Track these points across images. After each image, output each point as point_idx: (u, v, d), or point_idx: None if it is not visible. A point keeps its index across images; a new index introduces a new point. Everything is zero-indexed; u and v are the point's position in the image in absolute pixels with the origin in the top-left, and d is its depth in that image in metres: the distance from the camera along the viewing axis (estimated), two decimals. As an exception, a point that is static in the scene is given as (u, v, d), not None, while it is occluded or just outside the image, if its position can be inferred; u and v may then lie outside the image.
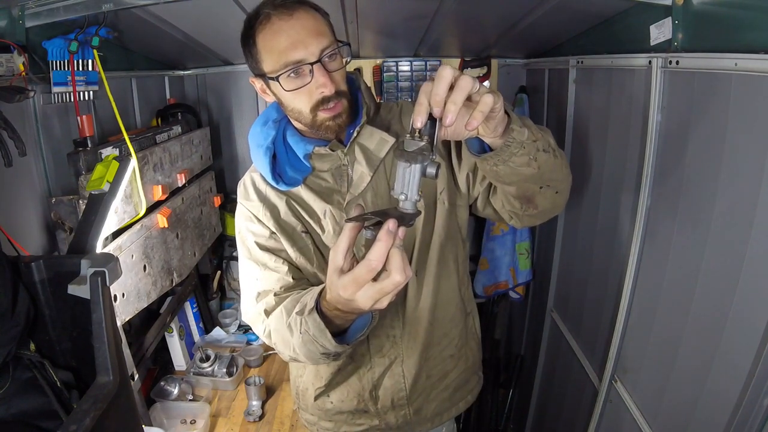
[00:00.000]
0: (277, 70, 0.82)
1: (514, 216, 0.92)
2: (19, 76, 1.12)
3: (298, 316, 0.78)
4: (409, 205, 0.64)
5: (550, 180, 0.82)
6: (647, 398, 1.18)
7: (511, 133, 0.69)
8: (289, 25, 0.80)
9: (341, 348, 0.75)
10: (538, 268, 2.10)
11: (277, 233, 0.94)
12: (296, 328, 0.78)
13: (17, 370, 0.83)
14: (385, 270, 0.60)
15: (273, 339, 0.89)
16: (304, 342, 0.78)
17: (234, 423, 1.60)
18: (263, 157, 0.93)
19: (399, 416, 1.08)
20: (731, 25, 0.93)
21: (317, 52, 0.81)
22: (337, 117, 0.86)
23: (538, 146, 0.74)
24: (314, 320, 0.73)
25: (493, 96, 0.61)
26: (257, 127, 0.97)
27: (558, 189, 0.86)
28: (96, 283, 0.81)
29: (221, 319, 2.12)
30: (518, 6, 1.44)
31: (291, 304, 0.85)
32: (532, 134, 0.72)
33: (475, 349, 1.17)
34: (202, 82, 2.20)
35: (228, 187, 2.28)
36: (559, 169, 0.82)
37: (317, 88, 0.82)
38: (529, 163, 0.74)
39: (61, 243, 1.26)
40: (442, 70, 0.60)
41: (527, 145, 0.71)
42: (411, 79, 2.12)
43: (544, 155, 0.75)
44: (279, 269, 0.93)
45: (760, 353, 0.82)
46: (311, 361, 0.83)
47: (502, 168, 0.74)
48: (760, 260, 0.83)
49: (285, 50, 0.80)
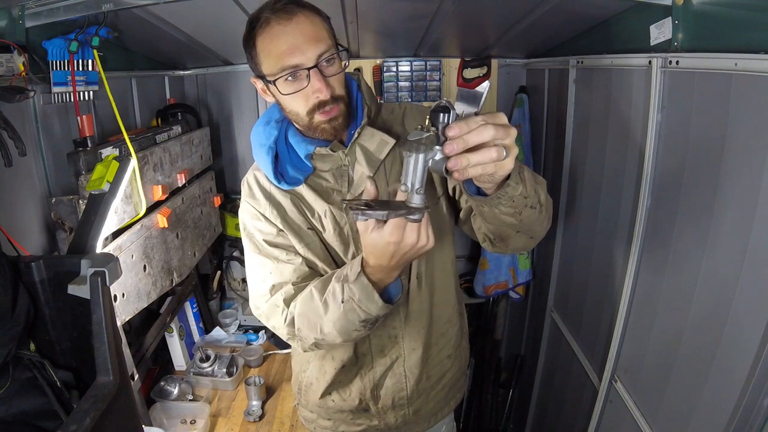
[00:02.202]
0: (275, 73, 0.83)
1: (487, 241, 0.94)
2: (19, 76, 1.12)
3: (339, 284, 0.81)
4: (416, 199, 0.65)
5: (528, 230, 0.84)
6: (647, 398, 1.18)
7: (506, 188, 0.71)
8: (288, 30, 0.81)
9: (386, 309, 0.79)
10: (538, 268, 2.10)
11: (285, 231, 0.95)
12: (335, 299, 0.81)
13: (17, 370, 0.83)
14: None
15: (297, 324, 0.90)
16: (344, 312, 0.80)
17: (234, 423, 1.60)
18: (265, 156, 0.94)
19: (398, 416, 1.08)
20: (731, 25, 0.93)
21: (314, 58, 0.82)
22: (332, 120, 0.87)
23: (527, 203, 0.76)
24: (362, 284, 0.77)
25: (509, 165, 0.65)
26: (260, 127, 0.97)
27: (533, 236, 0.88)
28: (96, 283, 0.81)
29: (221, 319, 2.12)
30: (518, 6, 1.44)
31: (321, 283, 0.87)
32: (525, 190, 0.73)
33: (466, 349, 1.19)
34: (202, 82, 2.20)
35: (228, 187, 2.28)
36: (540, 223, 0.84)
37: (313, 93, 0.84)
38: (513, 214, 0.76)
39: (61, 243, 1.26)
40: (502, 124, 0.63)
41: (517, 199, 0.73)
42: (411, 79, 2.12)
43: (529, 211, 0.77)
44: (293, 261, 0.94)
45: (760, 353, 0.82)
46: (344, 335, 0.85)
47: (487, 210, 0.76)
48: (760, 259, 0.83)
49: (282, 55, 0.81)
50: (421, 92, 2.13)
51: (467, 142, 0.61)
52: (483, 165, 0.63)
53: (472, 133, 0.62)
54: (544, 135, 1.95)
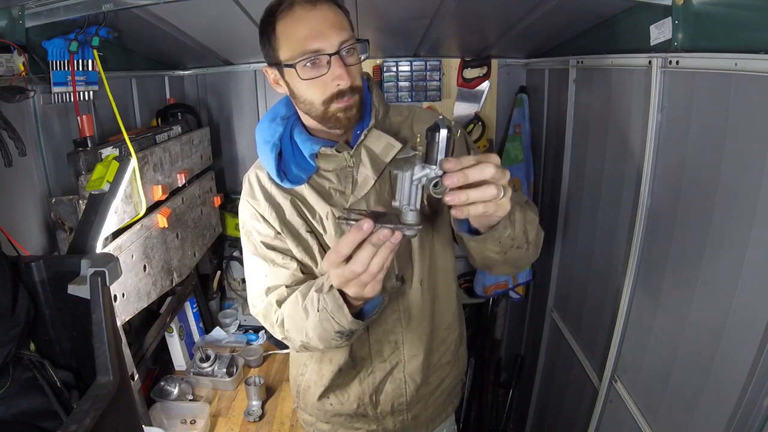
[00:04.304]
0: (295, 57, 0.82)
1: (471, 258, 0.95)
2: (19, 76, 1.12)
3: (316, 293, 0.80)
4: (410, 216, 0.64)
5: (512, 265, 0.87)
6: (647, 398, 1.18)
7: (494, 231, 0.72)
8: (311, 16, 0.81)
9: (356, 325, 0.77)
10: (538, 268, 2.10)
11: (283, 234, 0.95)
12: (313, 307, 0.80)
13: (17, 370, 0.83)
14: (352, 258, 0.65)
15: (286, 326, 0.90)
16: (320, 321, 0.79)
17: (234, 423, 1.60)
18: (269, 153, 0.93)
19: (397, 421, 1.08)
20: (731, 25, 0.93)
21: (336, 44, 0.81)
22: (348, 110, 0.86)
23: (514, 244, 0.77)
24: (333, 296, 0.75)
25: (507, 206, 0.66)
26: (265, 123, 0.96)
27: (518, 267, 0.91)
28: (96, 283, 0.81)
29: (221, 319, 2.12)
30: (518, 6, 1.44)
31: (306, 288, 0.87)
32: (513, 232, 0.74)
33: (464, 355, 1.19)
34: (202, 82, 2.20)
35: (228, 187, 2.28)
36: (525, 259, 0.86)
37: (333, 80, 0.82)
38: (498, 253, 0.78)
39: (61, 243, 1.26)
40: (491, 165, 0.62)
41: (504, 240, 0.74)
42: (411, 79, 2.12)
43: (516, 250, 0.78)
44: (288, 266, 0.94)
45: (760, 353, 0.82)
46: (324, 342, 0.84)
47: (473, 245, 0.78)
48: (760, 259, 0.84)
49: (304, 39, 0.81)
50: (421, 92, 2.13)
51: (467, 177, 0.61)
52: (484, 203, 0.63)
53: (473, 168, 0.61)
54: (544, 135, 1.96)
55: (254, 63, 2.13)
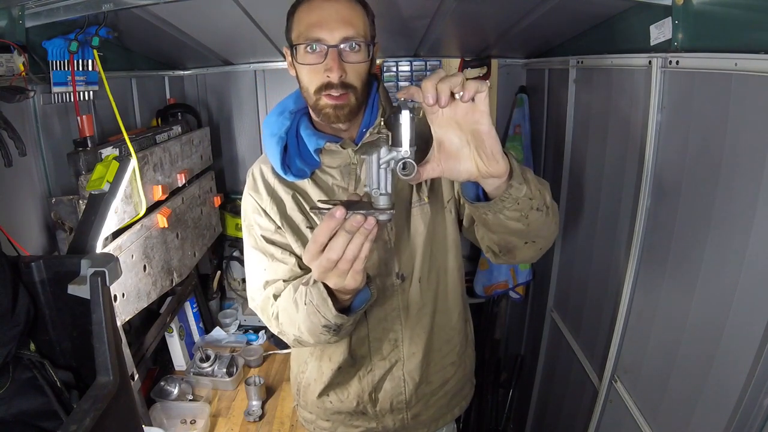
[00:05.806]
0: (299, 41, 0.85)
1: (490, 252, 0.93)
2: (19, 76, 1.12)
3: (303, 287, 0.81)
4: (381, 200, 0.65)
5: (536, 237, 0.82)
6: (647, 398, 1.18)
7: (509, 189, 0.69)
8: (326, 6, 0.84)
9: (341, 319, 0.78)
10: (538, 268, 2.10)
11: (283, 228, 0.96)
12: (301, 300, 0.81)
13: (17, 370, 0.83)
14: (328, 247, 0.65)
15: (280, 319, 0.91)
16: (308, 314, 0.80)
17: (234, 423, 1.60)
18: (275, 146, 0.94)
19: (396, 420, 1.08)
20: (731, 25, 0.93)
21: (338, 38, 0.83)
22: (337, 108, 0.86)
23: (533, 204, 0.73)
24: (318, 289, 0.76)
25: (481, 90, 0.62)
26: (273, 116, 0.97)
27: (542, 246, 0.87)
28: (96, 283, 0.81)
29: (221, 319, 2.12)
30: (518, 6, 1.44)
31: (299, 282, 0.88)
32: (530, 191, 0.71)
33: (472, 356, 1.18)
34: (202, 82, 2.20)
35: (228, 187, 2.28)
36: (547, 227, 0.82)
37: (324, 71, 0.84)
38: (519, 219, 0.74)
39: (61, 243, 1.26)
40: (439, 71, 0.62)
41: (522, 201, 0.71)
42: (411, 79, 2.12)
43: (536, 213, 0.75)
44: (287, 261, 0.95)
45: (760, 353, 0.82)
46: (313, 337, 0.84)
47: (491, 217, 0.74)
48: (760, 259, 0.83)
49: (311, 26, 0.84)
50: (421, 92, 2.13)
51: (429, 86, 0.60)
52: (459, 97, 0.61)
53: (429, 81, 0.60)
54: (544, 135, 1.95)
55: (254, 63, 2.13)
